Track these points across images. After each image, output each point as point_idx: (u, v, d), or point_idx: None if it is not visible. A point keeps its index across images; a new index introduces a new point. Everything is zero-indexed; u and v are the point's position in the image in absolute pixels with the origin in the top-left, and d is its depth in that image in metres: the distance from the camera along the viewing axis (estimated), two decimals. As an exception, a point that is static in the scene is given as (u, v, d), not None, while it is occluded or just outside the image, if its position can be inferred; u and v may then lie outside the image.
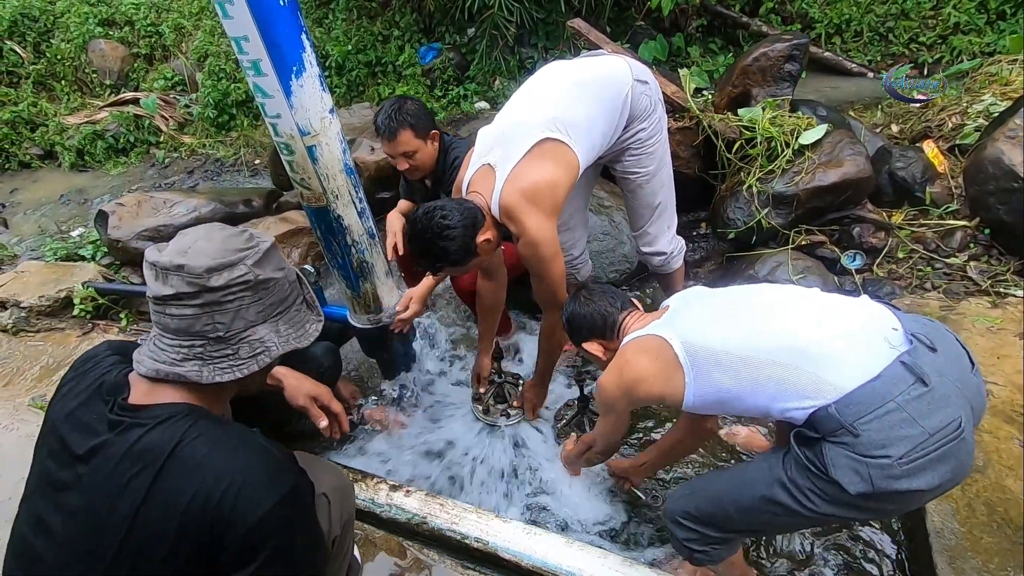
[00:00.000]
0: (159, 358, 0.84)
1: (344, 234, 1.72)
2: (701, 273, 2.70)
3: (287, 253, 2.94)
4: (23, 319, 2.63)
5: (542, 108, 1.62)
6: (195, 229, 0.89)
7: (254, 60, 1.39)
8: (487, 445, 2.05)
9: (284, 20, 1.36)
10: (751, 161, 2.53)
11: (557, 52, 5.17)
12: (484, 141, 1.68)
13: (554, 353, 1.93)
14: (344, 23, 5.58)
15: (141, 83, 6.30)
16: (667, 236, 2.03)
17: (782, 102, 2.67)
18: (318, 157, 1.56)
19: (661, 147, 1.85)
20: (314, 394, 1.34)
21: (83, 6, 6.55)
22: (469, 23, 5.33)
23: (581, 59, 1.80)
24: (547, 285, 1.67)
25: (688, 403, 1.24)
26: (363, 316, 1.94)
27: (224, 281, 0.82)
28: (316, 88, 1.49)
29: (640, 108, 1.73)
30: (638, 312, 1.47)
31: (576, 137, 1.60)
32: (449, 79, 5.45)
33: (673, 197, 2.01)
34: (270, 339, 0.89)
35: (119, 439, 0.80)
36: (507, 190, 1.56)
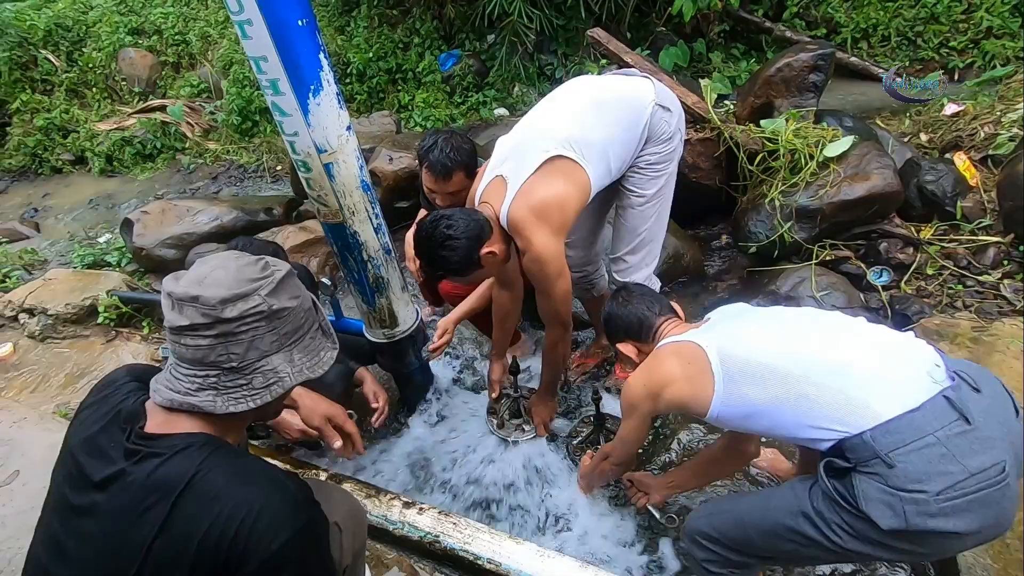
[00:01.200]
0: (174, 388, 0.85)
1: (360, 250, 1.72)
2: (721, 287, 2.65)
3: (305, 263, 2.96)
4: (50, 326, 2.69)
5: (559, 124, 1.61)
6: (213, 257, 0.89)
7: (272, 80, 1.40)
8: (501, 460, 2.03)
9: (302, 40, 1.37)
10: (774, 173, 2.48)
11: (577, 58, 5.16)
12: (500, 151, 1.68)
13: (558, 366, 1.92)
14: (366, 31, 5.64)
15: (168, 90, 6.44)
16: (644, 272, 1.94)
17: (806, 113, 2.62)
18: (335, 174, 1.57)
19: (666, 178, 1.79)
20: (329, 415, 1.34)
21: (114, 16, 6.71)
22: (489, 30, 5.35)
23: (607, 77, 1.77)
24: (551, 302, 1.66)
25: (713, 414, 1.22)
26: (379, 331, 1.94)
27: (238, 312, 0.82)
28: (333, 106, 1.49)
29: (658, 133, 1.70)
30: (677, 319, 1.46)
31: (590, 157, 1.59)
32: (468, 86, 5.47)
33: (661, 236, 1.93)
34: (284, 369, 0.89)
35: (135, 469, 0.81)
36: (516, 204, 1.56)
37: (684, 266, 2.63)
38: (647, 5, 4.95)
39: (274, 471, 0.88)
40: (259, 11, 1.29)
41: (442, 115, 5.36)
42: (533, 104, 5.39)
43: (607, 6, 4.74)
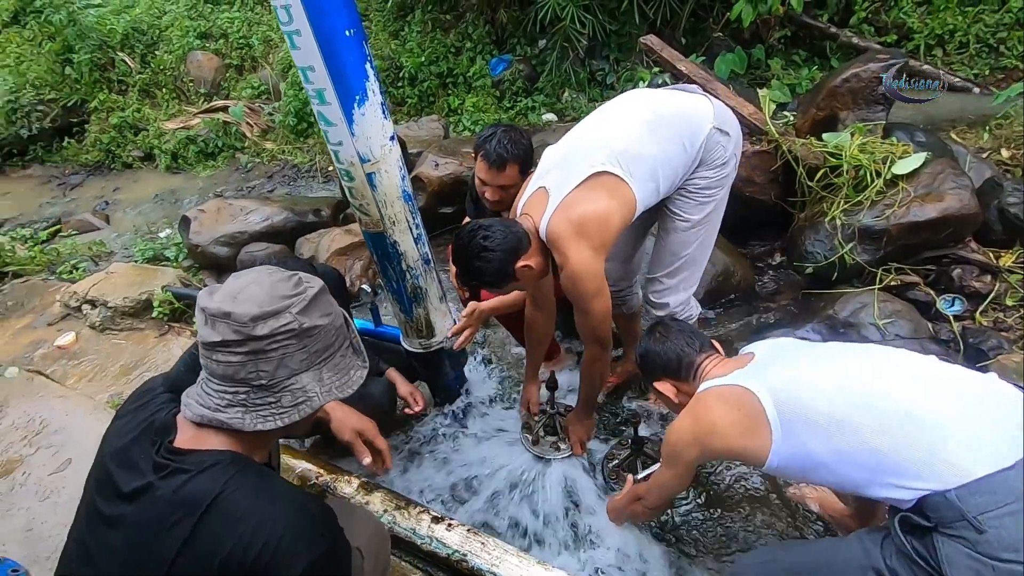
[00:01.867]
0: (204, 403, 0.85)
1: (400, 260, 1.72)
2: (772, 308, 2.51)
3: (349, 265, 3.00)
4: (108, 318, 2.82)
5: (609, 139, 1.55)
6: (248, 272, 0.89)
7: (319, 89, 1.40)
8: (534, 478, 1.99)
9: (349, 50, 1.37)
10: (835, 191, 2.34)
11: (629, 64, 5.05)
12: (545, 162, 1.64)
13: (595, 385, 1.86)
14: (419, 35, 5.71)
15: (231, 92, 6.71)
16: (681, 295, 1.84)
17: (874, 127, 2.45)
18: (377, 184, 1.56)
19: (716, 204, 1.69)
20: (359, 428, 1.33)
21: (185, 20, 7.06)
22: (541, 35, 5.31)
23: (665, 92, 1.69)
24: (588, 320, 1.60)
25: (771, 465, 1.13)
26: (415, 340, 1.93)
27: (269, 330, 0.82)
28: (378, 116, 1.49)
29: (712, 157, 1.60)
30: (718, 356, 1.37)
31: (637, 175, 1.52)
32: (518, 91, 5.46)
33: (703, 262, 1.83)
34: (313, 389, 0.88)
35: (163, 484, 0.81)
36: (556, 217, 1.51)
37: (734, 284, 2.51)
38: (703, 10, 4.80)
39: (298, 494, 0.87)
40: (307, 21, 1.29)
41: (491, 120, 5.36)
42: (582, 110, 5.36)
43: (662, 11, 4.63)
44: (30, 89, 7.07)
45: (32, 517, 1.77)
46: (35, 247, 4.48)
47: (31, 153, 7.12)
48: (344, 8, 1.33)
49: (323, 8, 1.28)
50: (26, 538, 1.72)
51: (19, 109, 7.06)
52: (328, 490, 1.81)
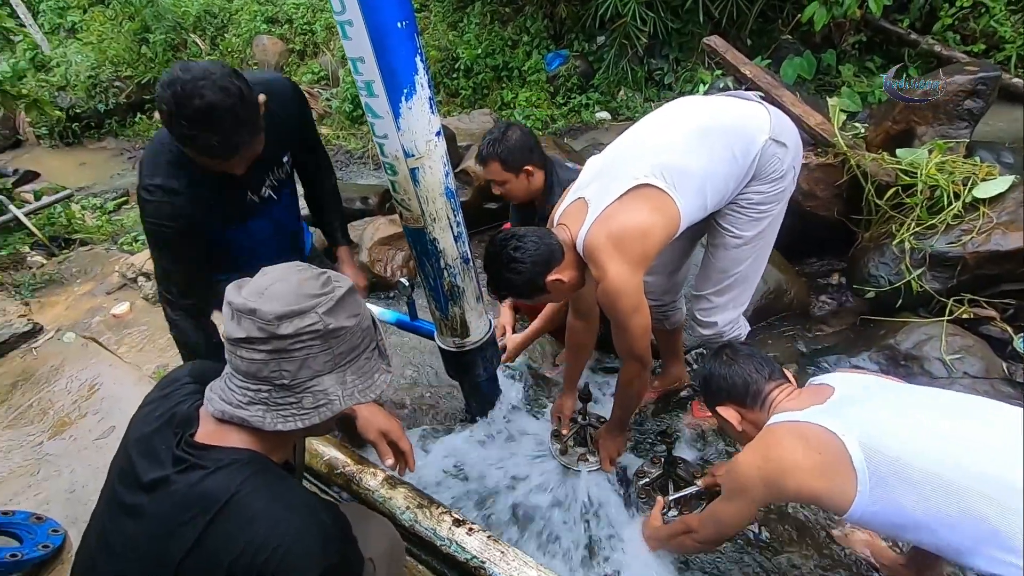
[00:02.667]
0: (227, 398, 0.84)
1: (438, 257, 1.69)
2: (826, 331, 2.37)
3: (391, 256, 3.01)
4: (161, 291, 2.93)
5: (654, 150, 1.47)
6: (277, 268, 0.88)
7: (368, 81, 1.38)
8: (558, 487, 1.94)
9: (400, 42, 1.34)
10: (907, 211, 2.17)
11: (689, 64, 4.89)
12: (587, 172, 1.58)
13: (631, 403, 1.79)
14: (477, 27, 5.69)
15: (292, 76, 6.88)
16: (729, 314, 1.74)
17: (955, 145, 2.26)
18: (420, 179, 1.54)
19: (770, 221, 1.58)
20: (385, 429, 1.31)
21: (254, 5, 7.28)
22: (600, 31, 5.20)
23: (718, 100, 1.59)
24: (626, 336, 1.53)
25: (854, 515, 1.04)
26: (449, 338, 1.90)
27: (293, 329, 0.80)
28: (425, 111, 1.45)
29: (767, 171, 1.50)
30: (790, 387, 1.27)
31: (683, 190, 1.43)
32: (572, 87, 5.38)
33: (755, 281, 1.72)
34: (335, 392, 0.86)
35: (180, 478, 0.81)
36: (594, 230, 1.45)
37: (786, 303, 2.38)
38: (772, 11, 4.58)
39: (314, 501, 0.85)
40: (360, 12, 1.27)
41: (543, 115, 5.30)
42: (637, 109, 5.21)
43: (728, 11, 4.44)
44: (109, 66, 7.47)
45: (75, 480, 1.85)
46: (102, 217, 4.73)
47: (106, 126, 7.54)
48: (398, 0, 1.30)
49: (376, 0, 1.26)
50: (68, 499, 1.80)
51: (98, 84, 7.47)
52: (353, 481, 1.81)
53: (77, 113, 7.50)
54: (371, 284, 3.09)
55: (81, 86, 7.49)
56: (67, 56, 7.82)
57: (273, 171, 1.56)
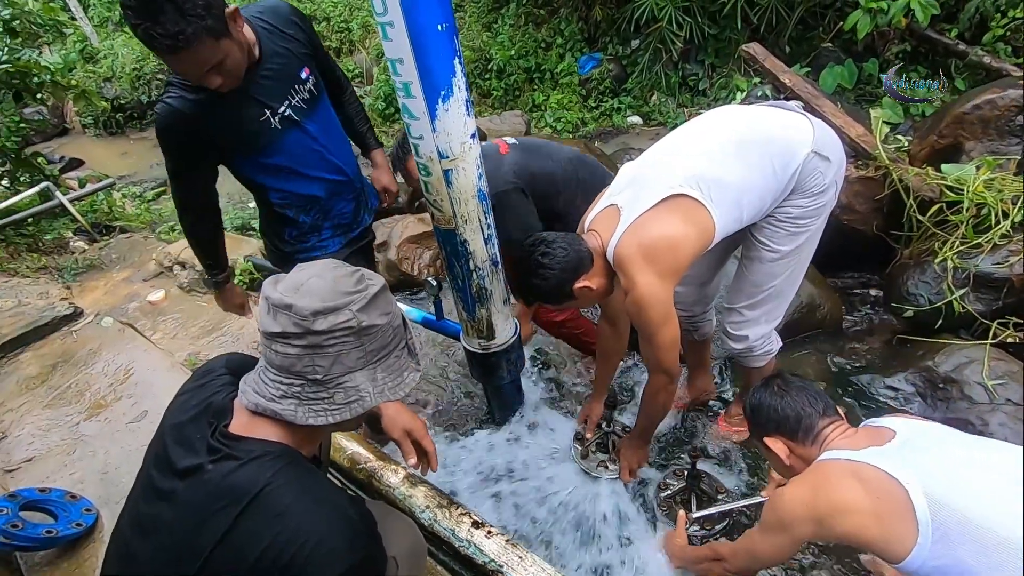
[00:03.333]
0: (261, 391, 0.86)
1: (468, 259, 1.69)
2: (860, 350, 2.30)
3: (419, 254, 3.04)
4: (195, 280, 3.00)
5: (691, 159, 1.44)
6: (312, 265, 0.89)
7: (406, 82, 1.39)
8: (577, 492, 1.93)
9: (439, 45, 1.35)
10: (951, 229, 2.10)
11: (725, 71, 4.82)
12: (621, 179, 1.56)
13: (657, 415, 1.76)
14: (511, 28, 5.70)
15: (329, 72, 6.99)
16: (761, 328, 1.70)
17: (1005, 161, 2.18)
18: (453, 181, 1.54)
19: (809, 236, 1.54)
20: (410, 428, 1.32)
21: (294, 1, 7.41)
22: (635, 35, 5.16)
23: (759, 110, 1.55)
24: (654, 348, 1.50)
25: (908, 566, 1.00)
26: (475, 340, 1.91)
27: (328, 325, 0.81)
28: (461, 113, 1.46)
29: (808, 185, 1.45)
30: (844, 424, 1.22)
31: (719, 201, 1.40)
32: (605, 90, 5.35)
33: (790, 295, 1.68)
34: (366, 388, 0.87)
35: (214, 467, 0.83)
36: (625, 239, 1.43)
37: (818, 319, 2.32)
38: (813, 18, 4.48)
39: (342, 498, 0.86)
40: (401, 13, 1.28)
41: (573, 118, 5.29)
42: (670, 115, 5.15)
43: (767, 17, 4.36)
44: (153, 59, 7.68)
45: (108, 461, 1.91)
46: (142, 205, 4.87)
47: (148, 117, 7.76)
48: (440, 2, 1.30)
49: (418, 2, 1.27)
50: (101, 480, 1.85)
51: (142, 76, 7.71)
52: (374, 476, 1.83)
53: (121, 104, 7.76)
54: (398, 282, 3.12)
55: (126, 78, 7.73)
56: (114, 48, 8.08)
57: (294, 89, 1.57)
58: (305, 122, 1.61)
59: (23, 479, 1.89)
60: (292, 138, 1.59)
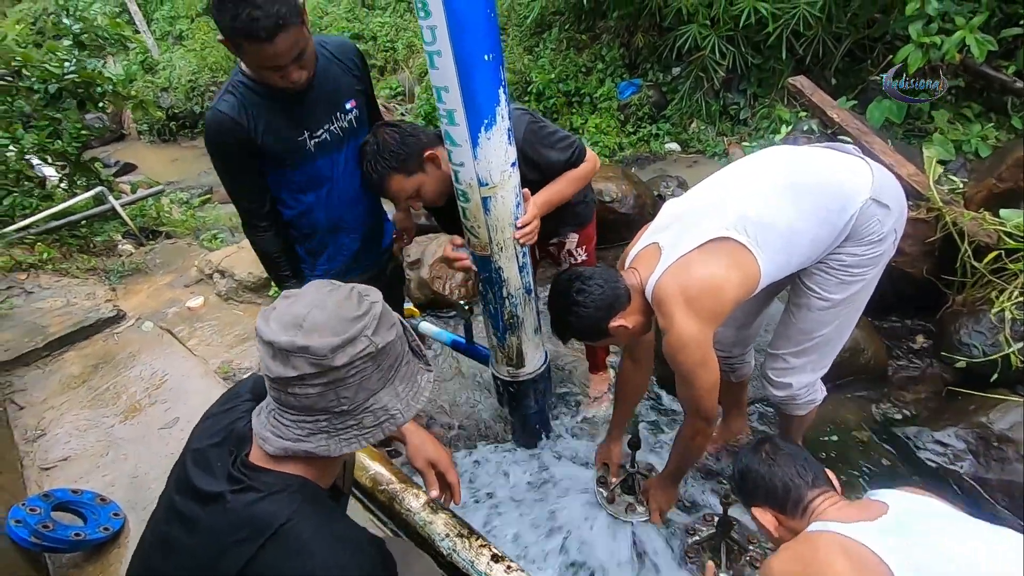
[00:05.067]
0: (284, 435, 0.83)
1: (501, 286, 1.69)
2: (905, 399, 2.19)
3: (451, 275, 3.04)
4: (233, 289, 3.07)
5: (739, 201, 1.39)
6: (303, 294, 0.85)
7: (450, 110, 1.40)
8: (602, 535, 1.86)
9: (484, 75, 1.36)
10: (1009, 278, 1.99)
11: (767, 101, 4.74)
12: (664, 216, 1.52)
13: (690, 459, 1.70)
14: (552, 52, 5.75)
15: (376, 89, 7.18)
16: (806, 377, 1.63)
17: (1071, 209, 2.07)
18: (491, 209, 1.54)
19: (864, 285, 1.46)
20: (434, 459, 1.30)
21: (343, 21, 7.67)
22: (676, 62, 5.15)
23: (813, 152, 1.48)
24: (691, 392, 1.45)
25: None
26: (504, 367, 1.89)
27: (348, 358, 0.79)
28: (503, 141, 1.46)
29: (864, 232, 1.38)
30: (835, 496, 1.16)
31: (766, 247, 1.35)
32: (643, 116, 5.33)
33: (840, 345, 1.60)
34: (393, 406, 0.86)
35: (235, 497, 0.82)
36: (665, 279, 1.39)
37: (861, 364, 2.22)
38: (861, 50, 4.39)
39: (362, 536, 0.84)
40: (450, 44, 1.29)
41: (611, 142, 5.28)
42: (709, 143, 5.10)
43: (814, 48, 4.29)
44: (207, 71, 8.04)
45: (138, 465, 1.94)
46: (188, 211, 5.04)
47: (199, 126, 8.10)
48: (487, 34, 1.32)
49: (466, 33, 1.28)
50: (131, 484, 1.88)
51: (196, 87, 8.06)
52: (396, 499, 1.81)
53: (175, 113, 8.12)
54: (428, 301, 3.13)
55: (182, 88, 8.10)
56: (172, 61, 8.49)
57: (335, 116, 1.60)
58: (335, 152, 1.63)
59: (58, 477, 1.93)
60: (321, 163, 1.62)
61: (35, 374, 2.45)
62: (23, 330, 2.65)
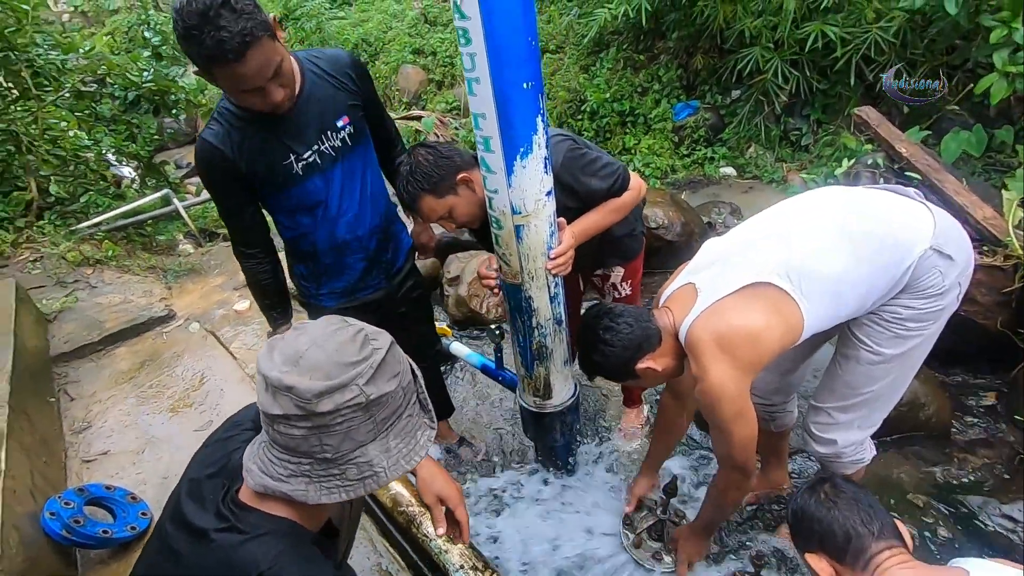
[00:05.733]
0: (267, 471, 0.81)
1: (531, 315, 1.64)
2: (971, 464, 1.98)
3: (487, 294, 3.02)
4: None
5: (785, 245, 1.30)
6: (310, 328, 0.82)
7: (486, 137, 1.38)
8: None
9: (523, 103, 1.33)
10: (1098, 339, 1.79)
11: (832, 128, 4.52)
12: (704, 255, 1.44)
13: (724, 512, 1.59)
14: (608, 72, 5.71)
15: (427, 104, 7.33)
16: (853, 435, 1.50)
17: None
18: (524, 237, 1.51)
19: (920, 340, 1.34)
20: (444, 495, 1.26)
21: (405, 36, 7.88)
22: (736, 84, 5.01)
23: (869, 194, 1.38)
24: (726, 443, 1.36)
25: None
26: (530, 397, 1.84)
27: (333, 406, 0.75)
28: (539, 170, 1.43)
29: (922, 284, 1.27)
30: (905, 554, 1.04)
31: (810, 293, 1.26)
32: (699, 139, 5.20)
33: (894, 401, 1.47)
34: (379, 463, 0.80)
35: (219, 536, 0.81)
36: (700, 323, 1.31)
37: (921, 420, 2.04)
38: (938, 78, 4.12)
39: None
40: (488, 72, 1.27)
41: (663, 164, 5.17)
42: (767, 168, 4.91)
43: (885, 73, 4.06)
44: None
45: (169, 467, 1.99)
46: (245, 216, 5.25)
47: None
48: (527, 62, 1.29)
49: (505, 60, 1.26)
50: (161, 484, 1.94)
51: (263, 97, 8.43)
52: (413, 523, 1.78)
53: (243, 120, 8.50)
54: (465, 318, 3.12)
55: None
56: (244, 71, 8.92)
57: (325, 136, 1.55)
58: (329, 171, 1.58)
59: (96, 471, 2.01)
60: (312, 185, 1.57)
61: (88, 367, 2.58)
62: (83, 323, 2.80)
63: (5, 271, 3.25)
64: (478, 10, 1.20)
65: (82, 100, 3.87)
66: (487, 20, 1.21)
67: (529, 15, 1.25)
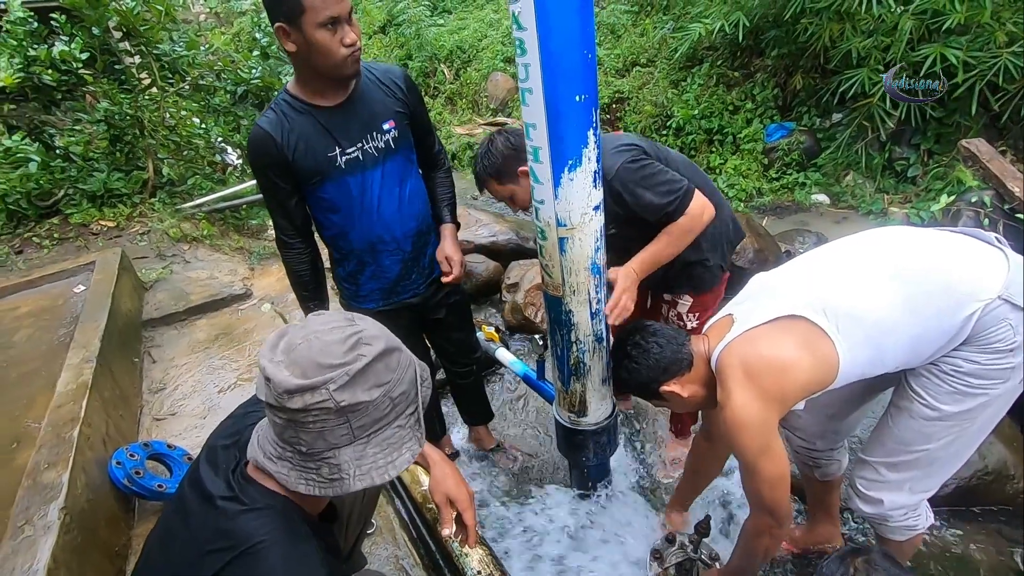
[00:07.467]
0: (263, 448, 0.85)
1: (571, 329, 1.62)
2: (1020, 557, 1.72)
3: (540, 303, 3.01)
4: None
5: (825, 283, 1.23)
6: (315, 321, 0.83)
7: (535, 147, 1.38)
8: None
9: (574, 115, 1.31)
10: None
11: (944, 160, 4.11)
12: (748, 288, 1.39)
13: (754, 560, 1.47)
14: (699, 88, 5.53)
15: (513, 111, 7.44)
16: (902, 498, 1.34)
17: None
18: (567, 250, 1.49)
19: (987, 401, 1.18)
20: (453, 496, 1.25)
21: (498, 44, 8.05)
22: (838, 107, 4.68)
23: (934, 236, 1.25)
24: (754, 483, 1.27)
25: None
26: (566, 413, 1.81)
27: (302, 404, 0.76)
28: (587, 184, 1.40)
29: (989, 338, 1.13)
30: None
31: (847, 333, 1.16)
32: (791, 162, 4.91)
33: (953, 467, 1.31)
34: (348, 468, 0.81)
35: (224, 505, 0.85)
36: (730, 348, 1.26)
37: (1008, 493, 1.79)
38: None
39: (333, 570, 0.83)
40: (541, 83, 1.27)
41: (749, 186, 4.93)
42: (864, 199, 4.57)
43: (1015, 103, 3.64)
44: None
45: (224, 435, 2.14)
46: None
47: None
48: (582, 74, 1.27)
49: (559, 72, 1.25)
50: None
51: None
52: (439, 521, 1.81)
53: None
54: (519, 325, 3.12)
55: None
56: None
57: (370, 135, 1.60)
58: (369, 171, 1.63)
59: (163, 429, 2.20)
60: (351, 181, 1.62)
61: (172, 334, 2.83)
62: (174, 294, 3.08)
63: (119, 240, 3.65)
64: (534, 21, 1.20)
65: (199, 92, 4.27)
66: (543, 32, 1.21)
67: (587, 28, 1.24)
